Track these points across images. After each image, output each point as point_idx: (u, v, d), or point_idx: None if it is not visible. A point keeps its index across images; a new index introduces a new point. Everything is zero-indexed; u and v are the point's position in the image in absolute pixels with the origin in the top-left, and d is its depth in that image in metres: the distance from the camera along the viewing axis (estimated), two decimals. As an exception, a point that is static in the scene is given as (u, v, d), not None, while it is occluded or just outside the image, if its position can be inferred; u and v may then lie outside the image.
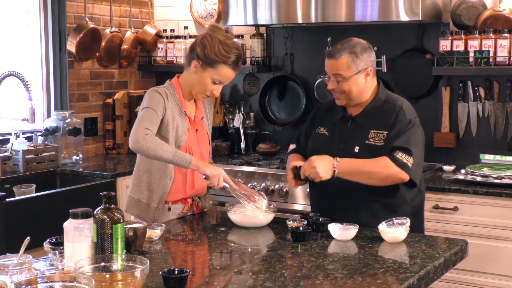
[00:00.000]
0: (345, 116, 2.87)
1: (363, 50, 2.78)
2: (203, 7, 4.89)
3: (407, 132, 2.74)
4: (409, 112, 2.80)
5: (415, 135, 2.76)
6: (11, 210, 3.43)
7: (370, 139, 2.77)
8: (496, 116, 4.01)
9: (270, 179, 4.02)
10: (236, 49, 2.80)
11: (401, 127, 2.74)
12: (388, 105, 2.82)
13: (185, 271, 1.98)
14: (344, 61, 2.74)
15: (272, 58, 4.72)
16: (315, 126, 2.95)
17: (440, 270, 2.29)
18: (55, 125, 4.29)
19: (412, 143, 2.72)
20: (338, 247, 2.47)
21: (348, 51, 2.75)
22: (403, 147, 2.70)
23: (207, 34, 2.80)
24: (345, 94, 2.78)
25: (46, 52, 4.50)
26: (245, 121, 4.75)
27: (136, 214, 2.88)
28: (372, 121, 2.80)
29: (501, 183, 3.49)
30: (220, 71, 2.79)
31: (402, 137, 2.72)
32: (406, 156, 2.68)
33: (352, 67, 2.75)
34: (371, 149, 2.75)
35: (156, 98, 2.78)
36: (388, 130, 2.75)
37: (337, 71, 2.76)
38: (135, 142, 2.68)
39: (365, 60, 2.77)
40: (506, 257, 3.44)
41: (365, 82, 2.79)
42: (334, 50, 2.78)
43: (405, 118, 2.76)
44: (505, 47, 3.76)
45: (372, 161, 2.69)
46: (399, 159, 2.67)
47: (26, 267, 1.82)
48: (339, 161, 2.67)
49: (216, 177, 2.74)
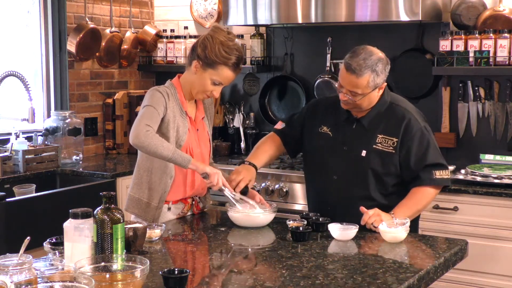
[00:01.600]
0: (350, 118, 2.84)
1: (384, 67, 2.71)
2: (203, 7, 4.89)
3: (429, 143, 2.76)
4: (419, 117, 2.80)
5: (434, 140, 2.80)
6: (11, 210, 3.43)
7: (378, 144, 2.76)
8: (496, 116, 4.01)
9: (270, 179, 4.02)
10: (237, 51, 2.79)
11: (422, 140, 2.75)
12: (394, 110, 2.79)
13: (185, 271, 1.98)
14: (365, 79, 2.66)
15: (272, 58, 4.72)
16: (317, 124, 2.92)
17: (440, 270, 2.29)
18: (55, 125, 4.29)
19: (439, 153, 2.78)
20: (338, 247, 2.47)
21: (370, 69, 2.66)
22: (436, 163, 2.75)
23: (208, 35, 2.80)
24: (355, 105, 2.75)
25: (46, 52, 4.50)
26: (245, 121, 4.75)
27: (136, 213, 2.88)
28: (380, 126, 2.78)
29: (501, 183, 3.49)
30: (220, 72, 2.78)
31: (430, 152, 2.75)
32: (443, 171, 2.76)
33: (371, 84, 2.68)
34: (380, 154, 2.75)
35: (157, 97, 2.78)
36: (399, 139, 2.74)
37: (355, 89, 2.68)
38: (136, 137, 2.68)
39: (383, 77, 2.72)
40: (506, 257, 3.44)
41: (377, 95, 2.76)
42: (356, 66, 2.65)
43: (419, 127, 2.76)
44: (505, 47, 3.76)
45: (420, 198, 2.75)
46: (440, 180, 2.75)
47: (26, 267, 1.82)
48: (394, 213, 2.66)
49: (215, 175, 2.74)
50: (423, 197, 2.75)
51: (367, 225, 2.62)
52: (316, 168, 2.93)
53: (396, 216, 2.62)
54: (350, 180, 2.79)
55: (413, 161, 2.74)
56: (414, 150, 2.74)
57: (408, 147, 2.74)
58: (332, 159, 2.84)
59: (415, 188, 2.75)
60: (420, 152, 2.74)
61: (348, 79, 2.69)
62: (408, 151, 2.74)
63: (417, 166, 2.74)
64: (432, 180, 2.73)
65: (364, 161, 2.76)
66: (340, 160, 2.81)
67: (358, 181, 2.78)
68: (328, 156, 2.85)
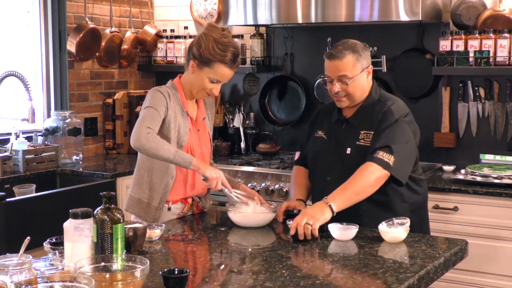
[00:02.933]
0: (340, 119, 2.86)
1: (363, 48, 2.78)
2: (203, 7, 4.89)
3: (389, 130, 2.69)
4: (397, 111, 2.75)
5: (399, 131, 2.71)
6: (11, 210, 3.43)
7: (361, 140, 2.76)
8: (496, 116, 4.01)
9: (270, 179, 4.02)
10: (232, 47, 2.78)
11: (385, 127, 2.71)
12: (378, 105, 2.80)
13: (185, 271, 1.98)
14: (348, 60, 2.72)
15: (272, 58, 4.72)
16: (315, 130, 2.95)
17: (440, 270, 2.29)
18: (55, 125, 4.29)
19: (395, 140, 2.67)
20: (338, 247, 2.46)
21: (350, 50, 2.73)
22: (384, 146, 2.66)
23: (203, 34, 2.79)
24: (349, 95, 2.76)
25: (46, 52, 4.50)
26: (245, 121, 4.75)
27: (137, 213, 2.88)
28: (363, 122, 2.79)
29: (501, 183, 3.49)
30: (217, 70, 2.78)
31: (383, 137, 2.68)
32: (386, 154, 2.64)
33: (357, 65, 2.73)
34: (361, 149, 2.74)
35: (158, 97, 2.78)
36: (375, 130, 2.74)
37: (343, 72, 2.72)
38: (137, 140, 2.68)
39: (367, 58, 2.78)
40: (506, 257, 3.44)
41: (367, 81, 2.79)
42: (336, 51, 2.74)
43: (392, 118, 2.72)
44: (505, 47, 3.76)
45: (356, 176, 2.63)
46: (380, 159, 2.63)
47: (26, 267, 1.82)
48: (327, 197, 2.60)
49: (214, 180, 2.74)
50: (359, 175, 2.63)
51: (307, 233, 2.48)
52: (313, 171, 2.95)
53: (329, 200, 2.56)
54: (342, 180, 2.76)
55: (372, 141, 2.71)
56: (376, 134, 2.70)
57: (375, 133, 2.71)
58: (326, 161, 2.85)
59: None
60: (379, 134, 2.69)
61: (332, 65, 2.75)
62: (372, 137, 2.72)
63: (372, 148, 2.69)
64: (372, 157, 2.64)
65: (350, 159, 2.75)
66: (332, 161, 2.82)
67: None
68: (323, 158, 2.87)
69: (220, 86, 2.85)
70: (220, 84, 2.84)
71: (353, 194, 2.62)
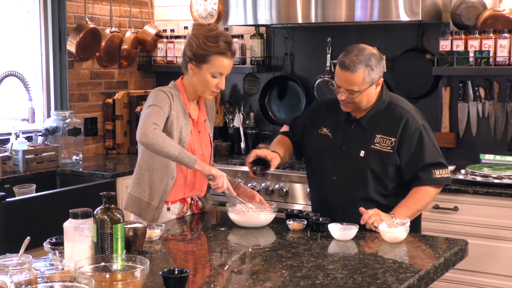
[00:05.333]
0: (349, 119, 2.84)
1: (378, 60, 2.72)
2: (203, 7, 4.89)
3: (428, 142, 2.75)
4: (418, 116, 2.80)
5: (432, 138, 2.79)
6: (11, 210, 3.43)
7: (376, 144, 2.76)
8: (496, 116, 4.01)
9: (270, 179, 4.02)
10: (223, 36, 2.78)
11: (420, 139, 2.74)
12: (393, 110, 2.80)
13: (185, 271, 1.98)
14: (360, 75, 2.67)
15: (272, 58, 4.72)
16: (318, 126, 2.93)
17: (440, 270, 2.29)
18: (55, 125, 4.29)
19: (438, 152, 2.78)
20: (338, 247, 2.47)
21: (364, 64, 2.67)
22: (436, 162, 2.74)
23: (191, 35, 2.81)
24: (355, 103, 2.75)
25: (46, 52, 4.49)
26: (245, 121, 4.75)
27: (136, 212, 2.88)
28: (378, 126, 2.78)
29: (501, 183, 3.49)
30: (215, 62, 2.77)
31: (429, 151, 2.74)
32: (443, 170, 2.76)
33: (367, 80, 2.69)
34: (378, 154, 2.75)
35: (162, 97, 2.79)
36: (397, 138, 2.74)
37: (351, 86, 2.69)
38: (144, 135, 2.67)
39: (379, 71, 2.73)
40: (506, 257, 3.44)
41: (375, 92, 2.77)
42: (350, 62, 2.67)
43: (418, 126, 2.76)
44: (505, 47, 3.76)
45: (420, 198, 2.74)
46: (440, 179, 2.75)
47: (26, 267, 1.82)
48: (393, 213, 2.66)
49: (220, 178, 2.74)
50: (423, 197, 2.74)
51: (367, 225, 2.62)
52: (316, 169, 2.94)
53: (396, 216, 2.61)
54: (349, 181, 2.79)
55: (412, 161, 2.74)
56: (413, 149, 2.74)
57: (407, 146, 2.74)
58: (332, 160, 2.84)
59: (415, 188, 2.75)
60: (419, 151, 2.74)
61: (343, 76, 2.70)
62: (406, 151, 2.74)
63: (416, 166, 2.74)
64: (432, 179, 2.73)
65: (362, 162, 2.76)
66: (339, 160, 2.82)
67: (357, 182, 2.78)
68: (328, 157, 2.85)
69: (224, 78, 2.83)
70: (224, 77, 2.83)
71: (416, 212, 2.76)
